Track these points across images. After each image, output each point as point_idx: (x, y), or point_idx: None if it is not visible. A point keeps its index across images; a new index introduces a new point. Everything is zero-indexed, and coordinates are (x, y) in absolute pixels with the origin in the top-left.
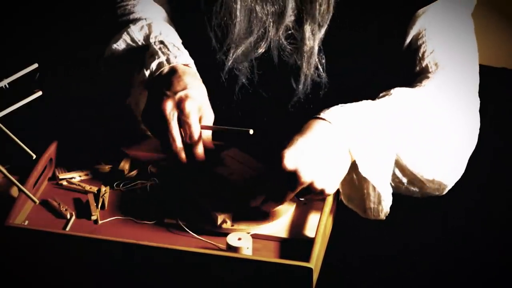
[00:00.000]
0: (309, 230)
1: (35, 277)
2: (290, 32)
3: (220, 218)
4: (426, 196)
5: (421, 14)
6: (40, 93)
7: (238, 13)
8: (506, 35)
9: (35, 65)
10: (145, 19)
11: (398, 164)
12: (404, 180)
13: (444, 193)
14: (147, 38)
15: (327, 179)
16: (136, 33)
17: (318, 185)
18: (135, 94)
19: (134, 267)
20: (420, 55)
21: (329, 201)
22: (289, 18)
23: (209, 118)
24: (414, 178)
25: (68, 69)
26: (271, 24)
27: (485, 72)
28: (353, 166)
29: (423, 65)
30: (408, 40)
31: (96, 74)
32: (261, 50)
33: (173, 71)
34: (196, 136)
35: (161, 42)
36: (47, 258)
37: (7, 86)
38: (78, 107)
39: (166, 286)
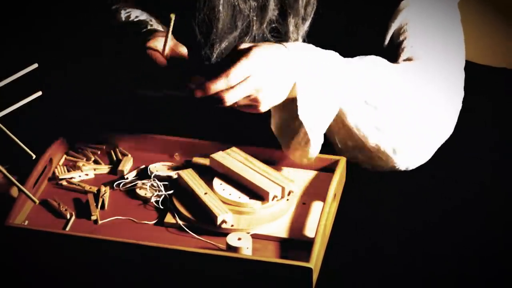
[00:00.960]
0: (309, 230)
1: (35, 277)
2: (274, 26)
3: (219, 219)
4: (377, 169)
5: (403, 8)
6: (40, 93)
7: (221, 8)
8: (506, 35)
9: (35, 65)
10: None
11: (344, 124)
12: (350, 143)
13: (397, 169)
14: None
15: (268, 95)
16: (123, 16)
17: (260, 96)
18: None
19: (134, 267)
20: (400, 50)
21: (329, 201)
22: (273, 12)
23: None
24: (358, 141)
25: (68, 69)
26: (255, 18)
27: (485, 72)
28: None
29: (403, 59)
30: (389, 34)
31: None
32: None
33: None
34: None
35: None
36: (47, 258)
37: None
38: (78, 107)
39: (166, 286)
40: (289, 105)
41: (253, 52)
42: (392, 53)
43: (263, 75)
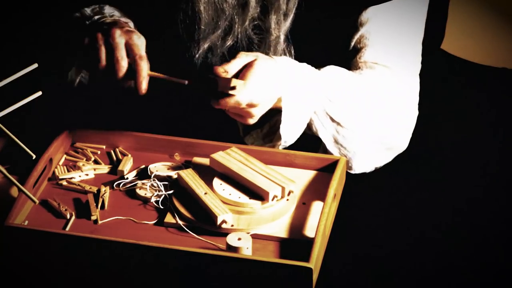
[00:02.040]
0: (309, 230)
1: (35, 277)
2: (256, 23)
3: (219, 219)
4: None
5: (366, 21)
6: (40, 93)
7: (201, 8)
8: (506, 35)
9: (35, 65)
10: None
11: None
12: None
13: (353, 172)
14: (96, 12)
15: (261, 110)
16: (88, 10)
17: (254, 111)
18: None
19: (134, 267)
20: (359, 56)
21: (329, 201)
22: (254, 9)
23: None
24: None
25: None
26: (236, 17)
27: (485, 72)
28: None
29: (360, 64)
30: (353, 41)
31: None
32: (229, 43)
33: (115, 22)
34: (144, 61)
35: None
36: (47, 258)
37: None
38: (78, 107)
39: (166, 286)
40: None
41: (257, 68)
42: (352, 55)
43: (262, 92)
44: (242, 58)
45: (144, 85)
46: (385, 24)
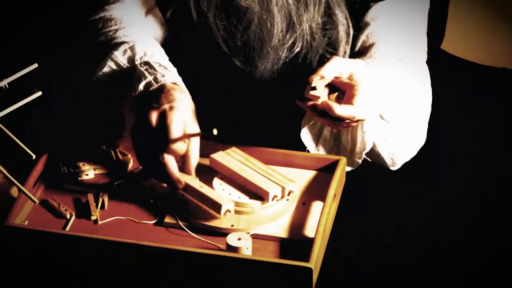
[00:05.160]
0: (309, 230)
1: (35, 277)
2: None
3: (223, 208)
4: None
5: (374, 18)
6: (40, 93)
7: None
8: (506, 35)
9: (35, 65)
10: (127, 42)
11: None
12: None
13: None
14: (131, 61)
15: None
16: (120, 57)
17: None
18: (128, 119)
19: (134, 267)
20: (370, 53)
21: (329, 201)
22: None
23: (193, 131)
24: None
25: (67, 69)
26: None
27: (485, 72)
28: None
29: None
30: (360, 39)
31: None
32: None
33: (162, 87)
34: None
35: (147, 63)
36: (47, 258)
37: (7, 86)
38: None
39: (166, 286)
40: None
41: (365, 83)
42: (360, 54)
43: (371, 109)
44: (337, 62)
45: (191, 169)
46: (392, 19)
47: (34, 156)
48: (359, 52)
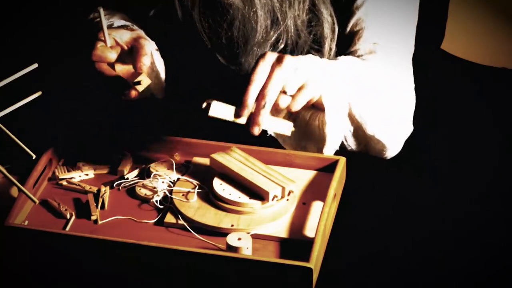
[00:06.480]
0: (309, 230)
1: (35, 277)
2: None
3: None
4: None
5: (361, 4)
6: (40, 93)
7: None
8: (506, 35)
9: (35, 65)
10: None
11: (349, 113)
12: (351, 128)
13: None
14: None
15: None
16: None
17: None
18: None
19: (134, 267)
20: (356, 39)
21: (329, 201)
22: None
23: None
24: (359, 128)
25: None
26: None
27: (485, 72)
28: None
29: (357, 48)
30: (349, 25)
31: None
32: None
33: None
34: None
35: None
36: (47, 258)
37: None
38: (78, 107)
39: (166, 286)
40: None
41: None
42: (349, 40)
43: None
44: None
45: (147, 61)
46: (380, 5)
47: (34, 156)
48: (347, 36)
